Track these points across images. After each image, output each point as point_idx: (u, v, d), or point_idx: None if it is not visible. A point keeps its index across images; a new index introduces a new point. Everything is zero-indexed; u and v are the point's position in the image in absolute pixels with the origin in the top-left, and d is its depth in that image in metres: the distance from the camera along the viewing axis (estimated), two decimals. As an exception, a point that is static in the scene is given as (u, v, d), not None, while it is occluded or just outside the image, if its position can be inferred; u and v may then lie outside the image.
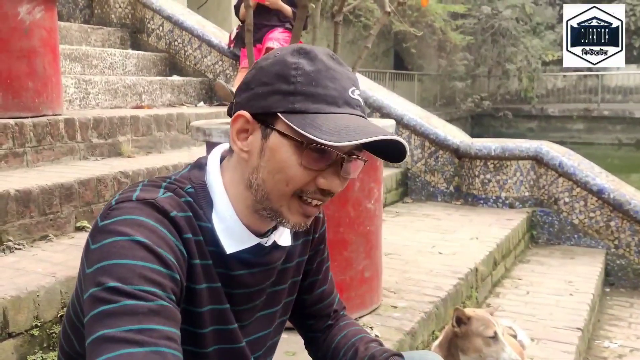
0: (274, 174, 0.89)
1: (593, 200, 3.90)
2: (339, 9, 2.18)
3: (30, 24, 2.88)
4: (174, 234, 0.87)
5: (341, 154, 0.88)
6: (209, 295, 0.93)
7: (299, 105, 0.87)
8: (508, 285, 3.24)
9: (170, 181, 0.94)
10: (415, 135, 4.40)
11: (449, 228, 3.56)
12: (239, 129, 0.92)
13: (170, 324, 0.79)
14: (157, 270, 0.81)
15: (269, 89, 0.89)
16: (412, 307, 2.27)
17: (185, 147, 3.75)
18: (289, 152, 0.87)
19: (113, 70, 4.60)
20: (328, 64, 0.91)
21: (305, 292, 1.17)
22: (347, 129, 0.85)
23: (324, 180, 0.89)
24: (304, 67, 0.89)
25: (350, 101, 0.90)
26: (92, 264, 0.82)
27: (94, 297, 0.78)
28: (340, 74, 0.91)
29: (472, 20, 16.22)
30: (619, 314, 3.37)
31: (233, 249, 0.94)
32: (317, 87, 0.88)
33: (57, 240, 2.31)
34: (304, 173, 0.88)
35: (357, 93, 0.91)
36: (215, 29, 5.36)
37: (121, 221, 0.83)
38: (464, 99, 17.09)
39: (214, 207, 0.93)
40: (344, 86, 0.90)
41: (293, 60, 0.89)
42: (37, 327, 1.71)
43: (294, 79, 0.88)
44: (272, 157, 0.88)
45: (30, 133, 2.77)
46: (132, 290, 0.77)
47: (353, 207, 2.08)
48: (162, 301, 0.79)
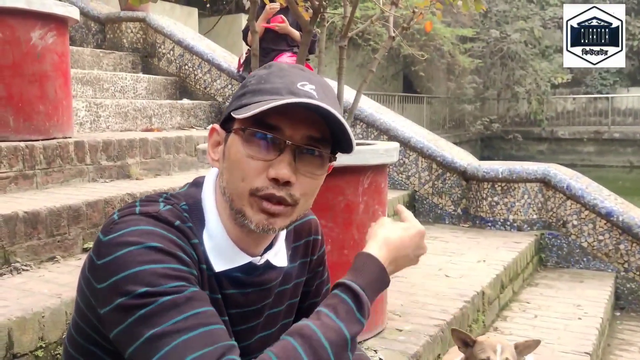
0: (231, 172, 0.91)
1: (602, 223, 3.87)
2: (344, 33, 2.21)
3: (43, 48, 2.94)
4: (183, 239, 0.89)
5: (291, 142, 0.88)
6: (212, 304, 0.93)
7: (245, 100, 0.90)
8: (516, 309, 3.21)
9: (167, 196, 0.96)
10: (422, 158, 4.41)
11: (457, 250, 3.55)
12: (213, 142, 0.97)
13: (208, 304, 0.84)
14: (178, 268, 0.84)
15: (232, 99, 0.95)
16: (417, 331, 2.26)
17: (193, 170, 3.78)
18: (239, 147, 0.90)
19: (124, 94, 4.67)
20: (283, 68, 0.94)
21: (305, 315, 1.16)
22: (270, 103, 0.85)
23: (272, 169, 0.88)
24: (258, 73, 0.94)
25: (297, 91, 0.88)
26: (106, 277, 0.83)
27: (124, 306, 0.80)
28: (293, 74, 0.92)
29: (480, 43, 16.29)
30: (629, 338, 3.32)
31: (221, 267, 0.94)
32: (264, 84, 0.91)
33: (64, 261, 2.33)
34: (254, 164, 0.89)
35: (310, 87, 0.90)
36: (225, 53, 5.44)
37: (130, 232, 0.85)
38: (473, 121, 17.10)
39: (205, 225, 0.95)
40: (292, 80, 0.90)
41: (253, 72, 0.95)
42: (42, 348, 1.72)
43: (247, 84, 0.93)
44: (229, 156, 0.92)
45: (40, 155, 2.81)
46: (163, 289, 0.81)
47: (357, 230, 2.08)
48: (192, 288, 0.83)
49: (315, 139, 0.90)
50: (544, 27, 17.06)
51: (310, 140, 0.89)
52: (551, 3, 17.32)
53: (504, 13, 17.16)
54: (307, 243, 1.12)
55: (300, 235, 1.11)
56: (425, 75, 16.26)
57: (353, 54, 13.74)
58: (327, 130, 0.91)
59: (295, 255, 1.08)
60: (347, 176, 2.03)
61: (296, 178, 0.89)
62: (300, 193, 0.90)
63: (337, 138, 0.92)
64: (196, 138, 3.88)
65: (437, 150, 4.38)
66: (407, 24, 2.42)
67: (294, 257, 1.08)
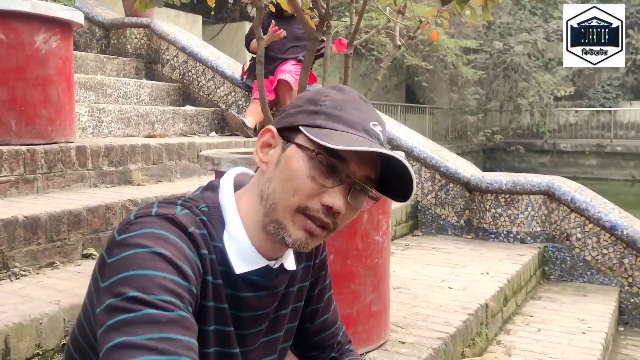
0: (283, 183, 0.91)
1: (606, 236, 3.84)
2: (350, 42, 2.19)
3: (46, 52, 2.93)
4: (192, 249, 0.88)
5: (352, 177, 0.90)
6: (215, 315, 0.93)
7: (320, 122, 0.91)
8: (519, 322, 3.17)
9: (185, 199, 0.95)
10: (425, 168, 4.39)
11: (460, 262, 3.52)
12: (263, 142, 0.96)
13: (190, 334, 0.79)
14: (177, 281, 0.82)
15: (298, 109, 0.95)
16: (420, 343, 2.22)
17: (195, 176, 3.76)
18: (301, 162, 0.90)
19: (127, 100, 4.66)
20: (357, 99, 0.96)
21: (307, 321, 1.16)
22: (356, 143, 0.88)
23: (329, 197, 0.90)
24: (333, 96, 0.95)
25: (370, 131, 0.93)
26: (109, 276, 0.82)
27: (111, 306, 0.78)
28: (366, 109, 0.96)
29: (484, 55, 16.34)
30: (633, 354, 3.28)
31: (242, 269, 0.94)
32: (340, 111, 0.93)
33: (64, 267, 2.30)
34: (311, 185, 0.90)
35: (378, 128, 0.94)
36: (229, 61, 5.43)
37: (141, 235, 0.84)
38: (476, 132, 17.11)
39: (226, 227, 0.95)
40: (366, 118, 0.94)
41: (326, 91, 0.96)
42: (39, 356, 1.69)
43: (321, 103, 0.94)
44: (285, 167, 0.91)
45: (42, 160, 2.79)
46: (153, 299, 0.78)
47: (361, 240, 2.06)
48: (181, 312, 0.79)
49: (372, 179, 0.94)
50: (547, 39, 17.10)
51: (368, 180, 0.93)
52: (554, 16, 17.36)
53: (508, 25, 17.21)
54: None
55: None
56: (428, 86, 16.29)
57: (356, 63, 13.77)
58: (380, 171, 0.95)
59: (300, 258, 1.09)
60: (352, 185, 2.01)
61: (345, 210, 0.92)
62: (341, 222, 0.94)
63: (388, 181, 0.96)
64: (198, 145, 3.86)
65: (440, 160, 4.36)
66: (414, 34, 2.41)
67: (299, 260, 1.09)
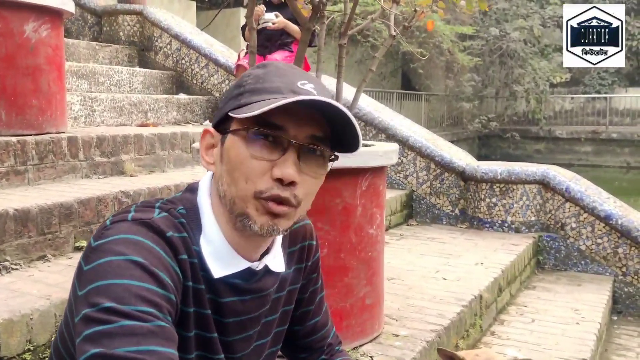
0: (232, 173, 0.88)
1: (600, 226, 3.84)
2: (344, 32, 2.16)
3: (36, 41, 2.88)
4: (170, 255, 0.85)
5: (295, 141, 0.85)
6: (196, 321, 0.91)
7: (245, 100, 0.87)
8: (513, 313, 3.18)
9: (164, 202, 0.93)
10: (420, 157, 4.37)
11: (454, 252, 3.51)
12: (206, 145, 0.94)
13: (169, 345, 0.76)
14: (154, 290, 0.79)
15: (226, 98, 0.91)
16: (414, 336, 2.22)
17: (189, 167, 3.73)
18: (241, 147, 0.87)
19: (119, 88, 4.61)
20: (280, 67, 0.91)
21: (297, 323, 1.13)
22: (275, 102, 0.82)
23: (277, 169, 0.85)
24: (255, 73, 0.91)
25: (298, 90, 0.86)
26: (85, 285, 0.79)
27: (87, 317, 0.75)
28: (292, 73, 0.90)
29: (480, 41, 16.23)
30: (626, 343, 3.29)
31: (220, 273, 0.91)
32: (263, 83, 0.88)
33: (55, 260, 2.28)
34: (258, 164, 0.86)
35: (309, 86, 0.88)
36: (222, 48, 5.38)
37: (116, 240, 0.81)
38: (471, 119, 17.06)
39: (203, 230, 0.92)
40: (292, 80, 0.88)
41: (249, 72, 0.92)
42: (30, 351, 1.67)
43: (244, 83, 0.90)
44: (229, 158, 0.88)
45: (33, 151, 2.76)
46: (129, 310, 0.75)
47: (355, 233, 2.04)
48: (160, 322, 0.76)
49: (318, 138, 0.88)
50: (544, 25, 17.01)
51: (314, 139, 0.87)
52: (551, 2, 17.25)
53: (504, 11, 17.10)
54: (302, 248, 1.09)
55: (296, 241, 1.08)
56: (424, 73, 16.22)
57: (352, 50, 13.68)
58: (328, 129, 0.89)
59: (291, 260, 1.06)
60: (345, 178, 1.99)
61: (300, 178, 0.87)
62: (303, 193, 0.88)
63: (339, 137, 0.90)
64: (192, 134, 3.83)
65: (435, 149, 4.34)
66: (409, 23, 2.37)
67: (289, 262, 1.05)
